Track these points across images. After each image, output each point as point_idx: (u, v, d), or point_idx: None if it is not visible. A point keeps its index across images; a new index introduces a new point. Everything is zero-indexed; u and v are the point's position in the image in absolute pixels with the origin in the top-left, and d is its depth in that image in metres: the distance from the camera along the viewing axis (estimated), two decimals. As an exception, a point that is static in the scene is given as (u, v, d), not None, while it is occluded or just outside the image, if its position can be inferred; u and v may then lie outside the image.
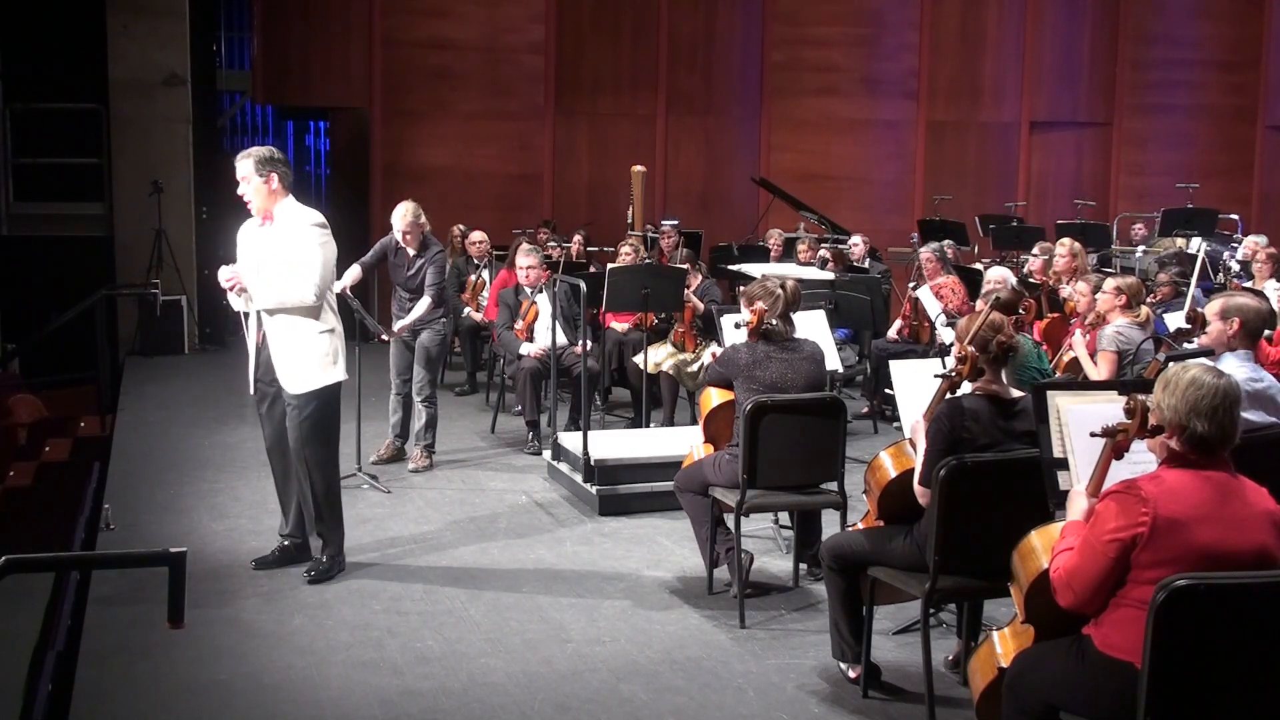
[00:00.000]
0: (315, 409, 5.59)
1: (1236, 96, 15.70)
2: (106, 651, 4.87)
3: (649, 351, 8.34)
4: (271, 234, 5.56)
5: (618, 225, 12.23)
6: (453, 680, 4.65)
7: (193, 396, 10.15)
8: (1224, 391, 3.21)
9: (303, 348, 5.53)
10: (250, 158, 5.51)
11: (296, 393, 5.55)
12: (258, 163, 5.48)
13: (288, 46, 13.58)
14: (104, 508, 6.53)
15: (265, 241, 5.57)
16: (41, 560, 4.39)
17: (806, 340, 5.58)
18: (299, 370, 5.55)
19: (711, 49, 14.62)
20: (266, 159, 5.50)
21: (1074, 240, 9.03)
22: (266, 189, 5.49)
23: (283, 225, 5.54)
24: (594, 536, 6.47)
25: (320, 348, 5.56)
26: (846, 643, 4.60)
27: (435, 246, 7.79)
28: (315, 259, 5.49)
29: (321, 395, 5.60)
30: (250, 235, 5.67)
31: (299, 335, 5.53)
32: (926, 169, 15.11)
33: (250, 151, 5.56)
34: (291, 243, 5.49)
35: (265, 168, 5.48)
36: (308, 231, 5.52)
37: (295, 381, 5.55)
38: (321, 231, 5.56)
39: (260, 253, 5.56)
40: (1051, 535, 3.51)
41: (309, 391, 5.55)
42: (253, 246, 5.62)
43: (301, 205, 5.64)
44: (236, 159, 5.57)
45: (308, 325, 5.54)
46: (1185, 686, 3.07)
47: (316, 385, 5.56)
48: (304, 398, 5.55)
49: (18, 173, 12.62)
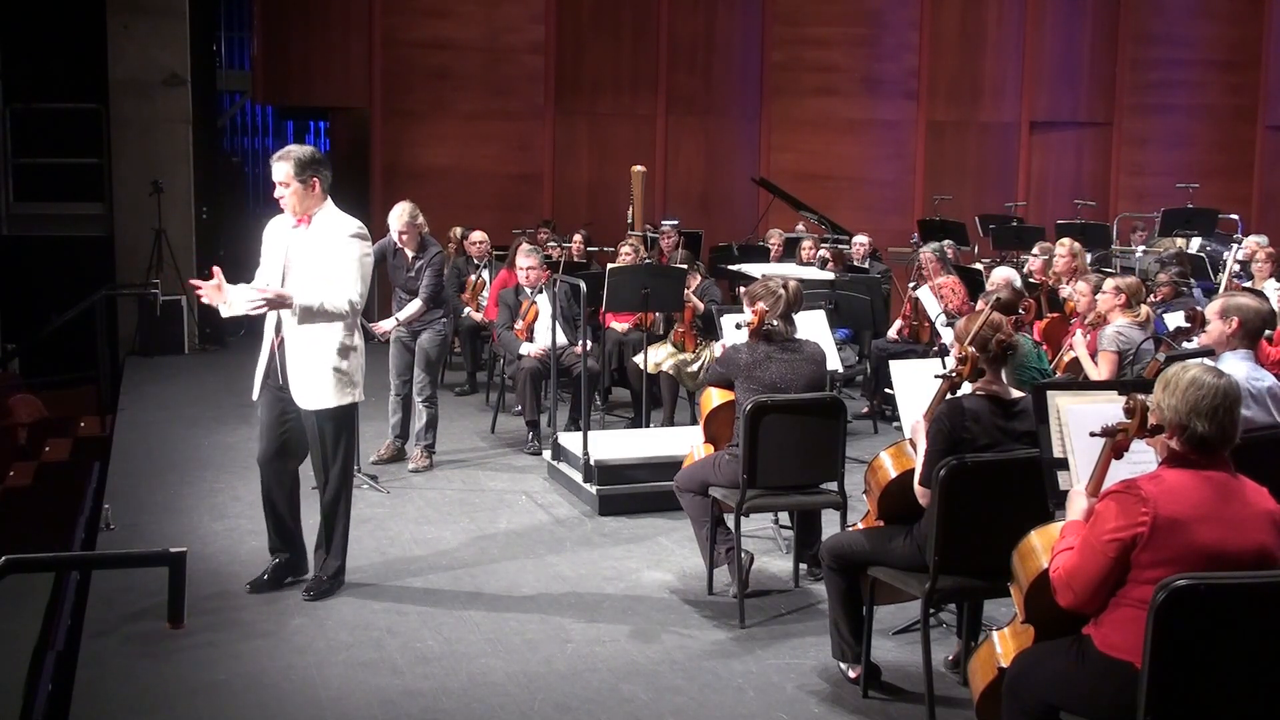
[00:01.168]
0: (334, 426, 5.37)
1: (1236, 96, 15.70)
2: (106, 651, 4.86)
3: (649, 351, 8.34)
4: (307, 239, 5.29)
5: (618, 225, 12.22)
6: (453, 680, 4.65)
7: (193, 396, 10.15)
8: (1224, 391, 3.21)
9: (323, 363, 5.27)
10: (290, 161, 5.20)
11: (309, 409, 5.32)
12: (299, 166, 5.19)
13: (288, 46, 13.58)
14: (104, 508, 6.53)
15: (300, 246, 5.29)
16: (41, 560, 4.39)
17: (808, 341, 5.58)
18: (315, 387, 5.29)
19: (711, 49, 14.62)
20: (308, 162, 5.21)
21: (1074, 240, 9.03)
22: (309, 194, 5.23)
23: (321, 232, 5.28)
24: (594, 536, 6.47)
25: (340, 366, 5.29)
26: (846, 643, 4.60)
27: (434, 248, 7.75)
28: (354, 273, 5.25)
29: (337, 414, 5.37)
30: (281, 235, 5.38)
31: (321, 350, 5.27)
32: (926, 169, 15.11)
33: (289, 152, 5.25)
34: (330, 252, 5.24)
35: (308, 172, 5.20)
36: (348, 243, 5.27)
37: (309, 397, 5.30)
38: (363, 244, 5.32)
39: (293, 257, 5.30)
40: (1051, 535, 3.51)
41: (323, 410, 5.33)
42: (282, 248, 5.34)
43: (341, 212, 5.37)
44: (274, 159, 5.28)
45: (332, 341, 5.27)
46: (1185, 686, 3.07)
47: (330, 405, 5.32)
48: (321, 414, 5.33)
49: (18, 173, 12.64)
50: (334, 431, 5.38)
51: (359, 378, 5.41)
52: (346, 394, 5.35)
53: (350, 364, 5.33)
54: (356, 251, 5.28)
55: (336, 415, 5.37)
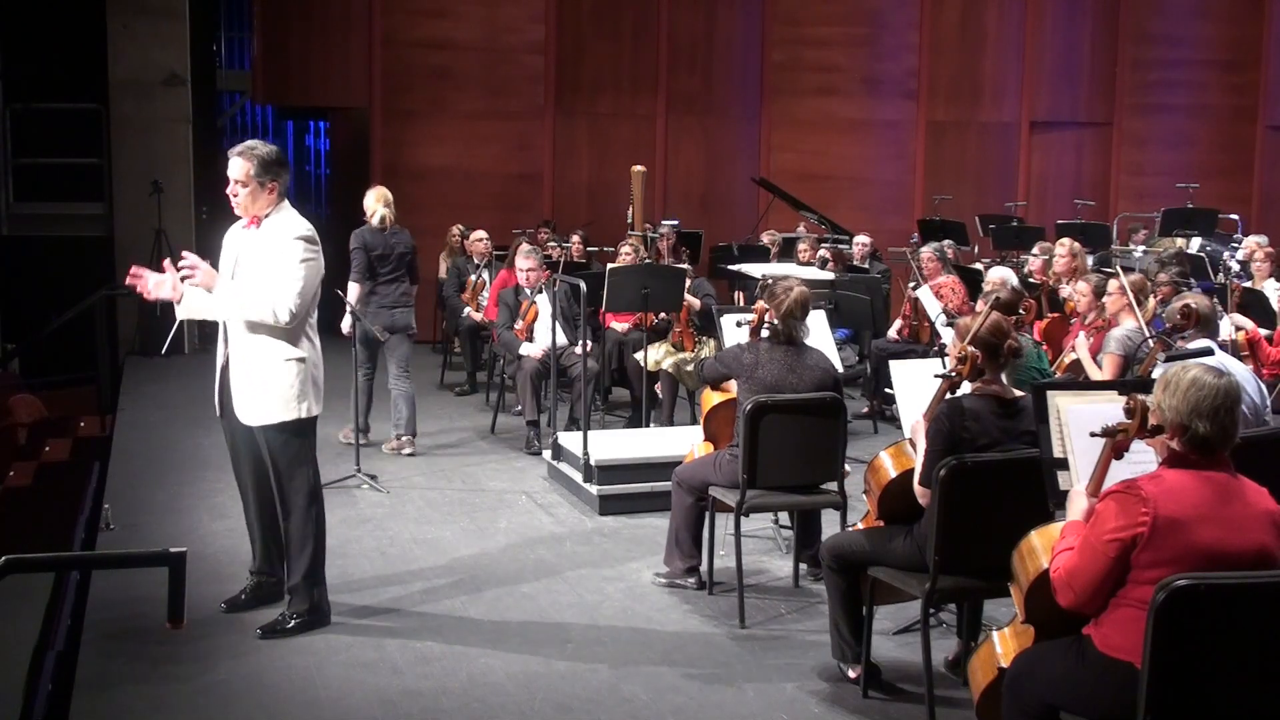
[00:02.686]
0: (282, 444, 4.93)
1: (1236, 96, 15.69)
2: (106, 651, 4.86)
3: (649, 350, 8.34)
4: (257, 241, 4.92)
5: (618, 225, 12.21)
6: (453, 680, 4.64)
7: (193, 396, 10.11)
8: (1225, 391, 3.21)
9: (264, 376, 4.88)
10: (253, 159, 4.85)
11: (250, 424, 4.93)
12: (261, 166, 4.84)
13: (288, 46, 13.57)
14: (104, 508, 6.53)
15: (248, 249, 4.94)
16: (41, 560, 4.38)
17: (815, 350, 5.55)
18: (255, 400, 4.91)
19: (711, 49, 14.62)
20: (271, 163, 4.86)
21: (1074, 240, 9.03)
22: (265, 196, 4.88)
23: (269, 233, 4.90)
24: (594, 536, 6.47)
25: (284, 378, 4.87)
26: (846, 643, 4.60)
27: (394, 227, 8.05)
28: (294, 276, 4.80)
29: (284, 430, 4.92)
30: (234, 239, 5.04)
31: (263, 361, 4.88)
32: (926, 169, 15.10)
33: (252, 149, 4.89)
34: (274, 254, 4.83)
35: (269, 174, 4.86)
36: (291, 245, 4.83)
37: (249, 412, 4.92)
38: (308, 247, 4.87)
39: (242, 260, 4.95)
40: (1051, 535, 3.51)
41: (266, 425, 4.91)
42: (234, 252, 5.00)
43: (295, 215, 4.96)
44: (233, 153, 4.89)
45: (275, 350, 4.87)
46: (1185, 686, 3.07)
47: (273, 420, 4.89)
48: (266, 431, 4.93)
49: (18, 173, 12.63)
50: (283, 449, 4.94)
51: (309, 392, 4.94)
52: (290, 409, 4.91)
53: (294, 375, 4.89)
54: (299, 254, 4.84)
55: (284, 431, 4.94)
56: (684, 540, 5.63)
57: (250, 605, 5.22)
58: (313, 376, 4.98)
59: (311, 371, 4.97)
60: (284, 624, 5.03)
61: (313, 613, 5.07)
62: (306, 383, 4.94)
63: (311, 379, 4.97)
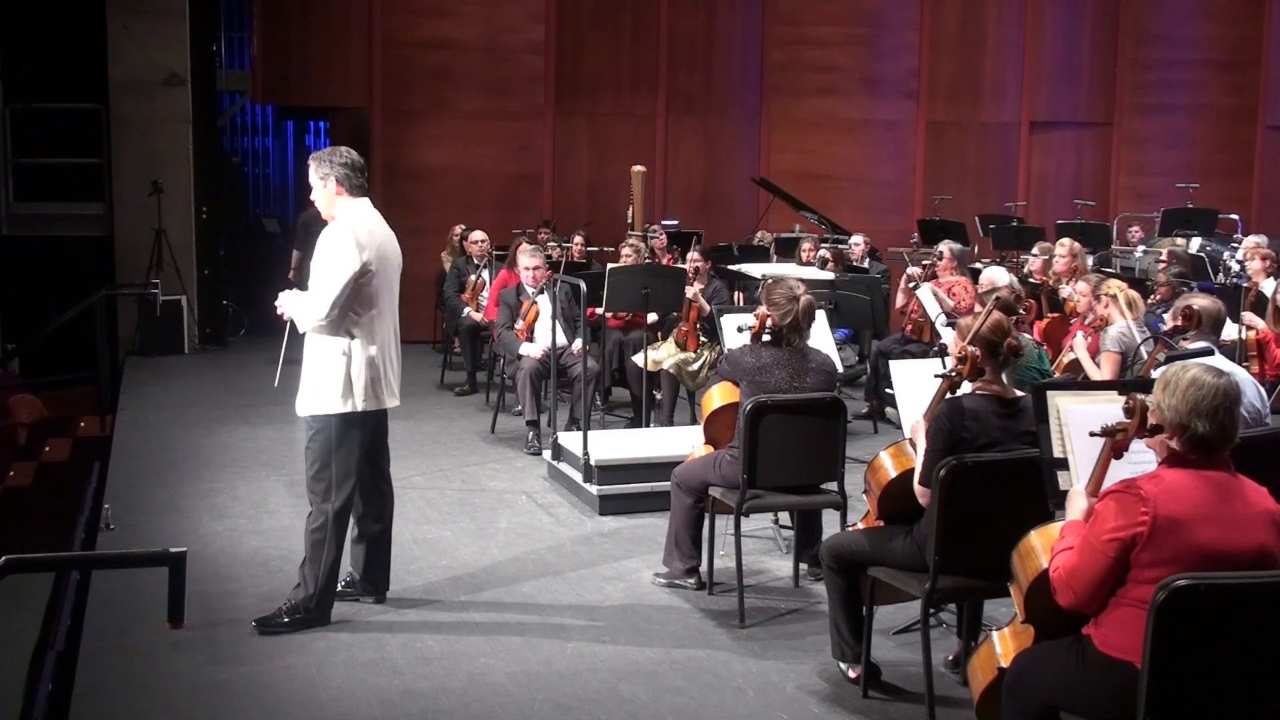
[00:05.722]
0: (323, 439, 5.04)
1: (1236, 96, 15.69)
2: (106, 651, 4.87)
3: (649, 350, 8.34)
4: None
5: (618, 225, 12.22)
6: (453, 680, 4.65)
7: (193, 396, 10.15)
8: (1224, 391, 3.21)
9: (317, 367, 5.04)
10: (311, 161, 5.17)
11: (300, 414, 5.12)
12: (315, 164, 5.13)
13: (288, 46, 13.57)
14: (104, 508, 6.53)
15: None
16: (41, 560, 4.39)
17: (817, 351, 5.55)
18: (306, 390, 5.08)
19: (711, 49, 14.61)
20: (321, 160, 5.13)
21: (1074, 240, 9.03)
22: (325, 193, 5.09)
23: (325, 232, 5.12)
24: (594, 536, 6.47)
25: (334, 370, 4.99)
26: (846, 643, 4.60)
27: None
28: (323, 277, 4.96)
29: (328, 424, 5.04)
30: None
31: (317, 353, 5.04)
32: (926, 169, 15.10)
33: (316, 153, 5.22)
34: (319, 252, 5.03)
35: (321, 170, 5.09)
36: (327, 241, 5.00)
37: (301, 401, 5.10)
38: (344, 241, 4.96)
39: None
40: (1051, 535, 3.51)
41: (311, 416, 5.07)
42: None
43: (353, 212, 5.08)
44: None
45: (327, 344, 5.02)
46: (1185, 686, 3.07)
47: (318, 411, 5.04)
48: (310, 421, 5.08)
49: (18, 173, 12.64)
50: (326, 442, 5.05)
51: (357, 388, 5.01)
52: (334, 403, 5.01)
53: (344, 369, 5.00)
54: (334, 249, 4.97)
55: (322, 426, 5.05)
56: (683, 541, 5.63)
57: (352, 598, 5.38)
58: (364, 374, 5.03)
59: (361, 368, 5.03)
60: (275, 615, 5.10)
61: (309, 611, 5.10)
62: (356, 379, 5.03)
63: (360, 375, 5.02)
